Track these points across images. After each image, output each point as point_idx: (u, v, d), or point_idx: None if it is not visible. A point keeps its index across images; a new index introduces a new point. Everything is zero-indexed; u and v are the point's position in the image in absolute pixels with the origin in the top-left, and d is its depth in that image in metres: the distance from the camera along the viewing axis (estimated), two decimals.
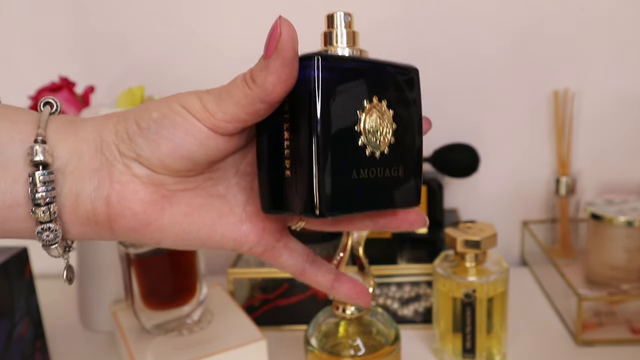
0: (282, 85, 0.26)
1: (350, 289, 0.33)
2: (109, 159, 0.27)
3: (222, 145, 0.28)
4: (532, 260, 0.77)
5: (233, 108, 0.27)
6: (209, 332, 0.53)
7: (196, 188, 0.29)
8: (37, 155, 0.26)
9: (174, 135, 0.27)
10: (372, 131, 0.28)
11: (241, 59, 0.76)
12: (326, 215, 0.27)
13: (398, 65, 0.30)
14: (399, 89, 0.30)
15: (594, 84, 0.75)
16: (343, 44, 0.30)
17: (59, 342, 0.61)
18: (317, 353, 0.46)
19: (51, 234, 0.27)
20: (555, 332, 0.61)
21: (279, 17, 0.26)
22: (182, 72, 0.76)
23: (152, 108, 0.28)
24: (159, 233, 0.29)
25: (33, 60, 0.76)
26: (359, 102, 0.28)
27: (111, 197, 0.27)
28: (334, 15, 0.30)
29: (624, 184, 0.78)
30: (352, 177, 0.27)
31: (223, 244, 0.30)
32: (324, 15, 0.34)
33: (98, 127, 0.28)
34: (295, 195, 0.27)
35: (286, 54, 0.25)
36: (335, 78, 0.26)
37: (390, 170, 0.29)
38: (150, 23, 0.75)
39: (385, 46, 0.74)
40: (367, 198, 0.29)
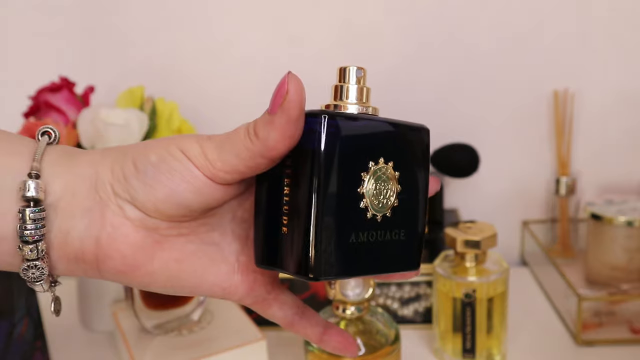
0: (285, 143, 0.25)
1: (339, 342, 0.32)
2: (103, 198, 0.27)
3: (219, 193, 0.27)
4: (532, 260, 0.77)
5: (233, 159, 0.26)
6: (209, 332, 0.53)
7: (189, 234, 0.29)
8: (29, 190, 0.25)
9: (171, 181, 0.26)
10: (375, 194, 0.27)
11: (241, 59, 0.76)
12: (320, 279, 0.26)
13: (408, 125, 0.29)
14: (407, 149, 0.29)
15: (594, 84, 0.75)
16: (353, 100, 0.29)
17: (59, 342, 0.61)
18: (317, 353, 0.46)
19: (37, 271, 0.26)
20: (555, 332, 0.61)
21: (288, 73, 0.25)
22: (183, 72, 0.76)
23: (151, 150, 0.27)
24: (147, 278, 0.28)
25: (33, 60, 0.76)
26: (364, 163, 0.27)
27: (101, 238, 0.27)
28: (347, 70, 0.29)
29: (624, 184, 0.78)
30: (350, 241, 0.27)
31: (212, 292, 0.29)
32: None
33: (95, 164, 0.27)
34: (289, 254, 0.26)
35: (292, 112, 0.25)
36: (341, 138, 0.26)
37: (391, 234, 0.28)
38: (150, 23, 0.75)
39: (385, 46, 0.74)
40: (365, 262, 0.28)
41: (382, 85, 0.76)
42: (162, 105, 0.66)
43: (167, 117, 0.65)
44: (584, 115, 0.76)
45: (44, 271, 0.26)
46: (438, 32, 0.74)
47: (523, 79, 0.75)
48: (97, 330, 0.64)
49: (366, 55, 0.74)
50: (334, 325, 0.32)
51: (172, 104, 0.66)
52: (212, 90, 0.77)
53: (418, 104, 0.76)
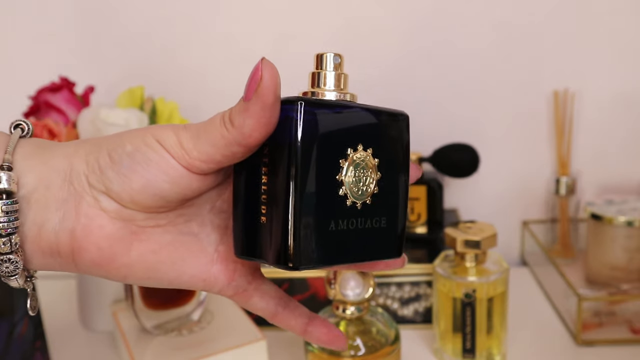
0: (261, 130, 0.25)
1: (325, 334, 0.31)
2: (78, 190, 0.26)
3: (195, 184, 0.27)
4: (532, 260, 0.77)
5: (209, 148, 0.25)
6: (209, 332, 0.53)
7: (167, 224, 0.28)
8: (1, 182, 0.25)
9: (147, 171, 0.26)
10: (354, 181, 0.27)
11: (242, 59, 0.76)
12: (300, 268, 0.26)
13: (387, 111, 0.29)
14: (386, 136, 0.29)
15: (594, 84, 0.75)
16: (331, 87, 0.28)
17: (59, 342, 0.61)
18: (317, 353, 0.46)
19: (11, 265, 0.26)
20: (555, 332, 0.61)
21: (261, 59, 0.24)
22: (183, 72, 0.76)
23: (127, 140, 0.26)
24: (124, 270, 0.27)
25: (33, 60, 0.76)
26: (342, 150, 0.27)
27: (76, 230, 0.26)
28: (323, 56, 0.28)
29: (624, 184, 0.78)
30: (329, 229, 0.26)
31: (192, 284, 0.29)
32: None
33: (69, 155, 0.27)
34: (269, 243, 0.26)
35: (267, 98, 0.24)
36: (318, 125, 0.25)
37: (372, 221, 0.28)
38: (150, 23, 0.75)
39: (384, 45, 0.74)
40: (345, 250, 0.27)
41: (382, 85, 0.76)
42: (162, 105, 0.66)
43: (167, 117, 0.65)
44: (584, 115, 0.76)
45: (19, 265, 0.26)
46: (438, 32, 0.74)
47: (523, 79, 0.75)
48: (97, 330, 0.64)
49: (366, 53, 0.74)
50: (318, 316, 0.32)
51: (172, 104, 0.66)
52: (212, 90, 0.77)
53: (418, 103, 0.76)
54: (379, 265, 0.31)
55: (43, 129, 0.57)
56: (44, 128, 0.57)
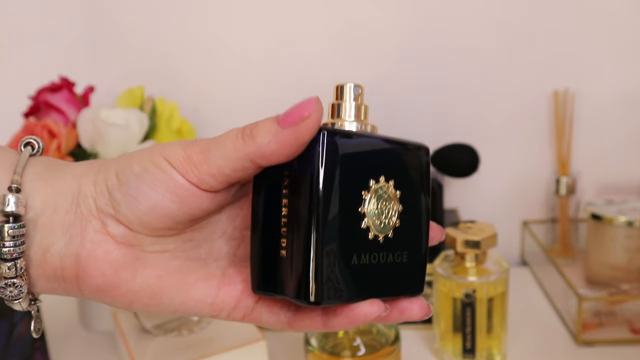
0: (281, 157, 0.24)
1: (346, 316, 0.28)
2: (84, 213, 0.26)
3: (205, 203, 0.26)
4: (532, 260, 0.77)
5: (220, 161, 0.25)
6: (209, 332, 0.53)
7: (174, 250, 0.27)
8: (9, 205, 0.24)
9: (154, 191, 0.25)
10: (376, 214, 0.26)
11: (241, 59, 0.76)
12: (322, 303, 0.25)
13: (408, 143, 0.28)
14: (407, 168, 0.28)
15: (594, 84, 0.75)
16: (351, 118, 0.28)
17: (59, 342, 0.61)
18: (317, 353, 0.46)
19: (15, 289, 0.25)
20: (555, 332, 0.61)
21: (316, 98, 0.24)
22: (183, 72, 0.76)
23: (135, 160, 0.26)
24: (130, 296, 0.27)
25: (33, 60, 0.76)
26: (365, 182, 0.26)
27: (81, 256, 0.25)
28: (344, 87, 0.28)
29: (624, 184, 0.78)
30: (352, 263, 0.26)
31: (198, 310, 0.28)
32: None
33: (78, 177, 0.26)
34: (289, 278, 0.25)
35: (303, 135, 0.24)
36: (341, 155, 0.25)
37: (393, 255, 0.27)
38: (150, 23, 0.75)
39: (384, 46, 0.74)
40: (367, 285, 0.27)
41: (382, 85, 0.76)
42: (162, 105, 0.66)
43: (167, 117, 0.65)
44: (584, 115, 0.76)
45: (23, 289, 0.25)
46: (438, 32, 0.74)
47: (523, 79, 0.75)
48: (97, 330, 0.64)
49: (366, 55, 0.74)
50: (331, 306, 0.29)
51: (172, 104, 0.66)
52: (212, 91, 0.77)
53: (418, 103, 0.76)
54: (404, 316, 0.28)
55: (43, 129, 0.57)
56: (44, 128, 0.57)
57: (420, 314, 0.28)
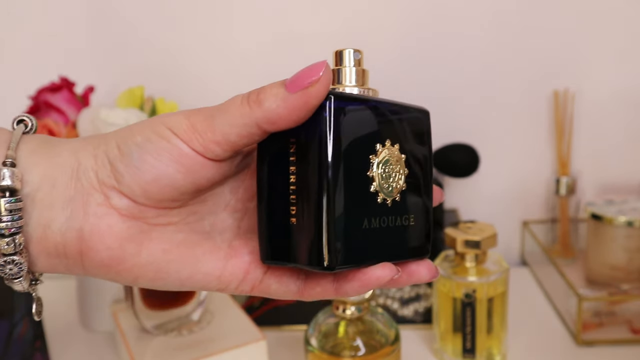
0: (288, 123, 0.24)
1: (359, 280, 0.27)
2: (85, 186, 0.25)
3: (210, 171, 0.26)
4: (532, 260, 0.77)
5: (225, 127, 0.24)
6: (209, 332, 0.53)
7: (179, 222, 0.27)
8: (4, 179, 0.24)
9: (159, 161, 0.24)
10: (384, 177, 0.26)
11: (241, 59, 0.76)
12: (335, 268, 0.25)
13: (409, 107, 0.28)
14: (410, 131, 0.28)
15: (594, 84, 0.75)
16: (352, 83, 0.28)
17: (59, 342, 0.61)
18: (317, 353, 0.46)
19: (15, 267, 0.25)
20: (555, 332, 0.61)
21: (324, 62, 0.24)
22: (183, 72, 0.76)
23: (136, 131, 0.25)
24: (135, 271, 0.26)
25: (33, 60, 0.76)
26: (372, 145, 0.26)
27: (84, 230, 0.25)
28: (343, 52, 0.28)
29: (624, 184, 0.78)
30: (363, 227, 0.26)
31: (205, 283, 0.27)
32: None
33: (76, 151, 0.26)
34: (300, 245, 0.25)
35: (312, 100, 0.24)
36: (349, 120, 0.25)
37: (401, 218, 0.27)
38: (150, 23, 0.75)
39: (384, 46, 0.74)
40: (378, 249, 0.26)
41: (382, 85, 0.76)
42: (162, 105, 0.66)
43: None
44: (584, 115, 0.76)
45: (23, 267, 0.25)
46: (438, 32, 0.74)
47: (523, 79, 0.75)
48: (97, 330, 0.64)
49: (366, 54, 0.74)
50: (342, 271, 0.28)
51: (172, 104, 0.66)
52: (212, 90, 0.77)
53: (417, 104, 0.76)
54: (412, 279, 0.28)
55: (43, 129, 0.57)
56: (44, 128, 0.57)
57: (428, 275, 0.28)
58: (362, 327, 0.47)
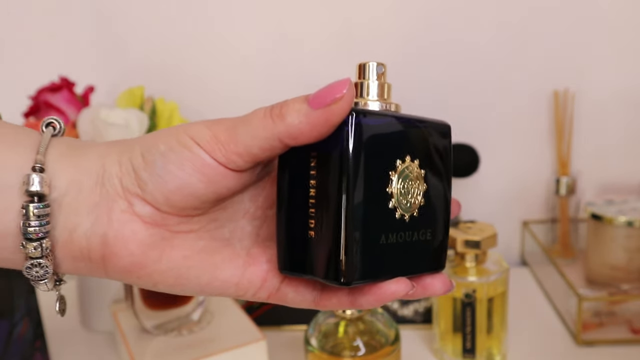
0: (310, 138, 0.24)
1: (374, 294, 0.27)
2: (110, 193, 0.26)
3: (231, 182, 0.26)
4: (532, 260, 0.77)
5: (248, 140, 0.25)
6: (209, 332, 0.53)
7: (199, 230, 0.27)
8: (34, 185, 0.24)
9: (181, 170, 0.25)
10: (403, 193, 0.27)
11: (241, 59, 0.76)
12: (352, 284, 0.25)
13: (431, 122, 0.29)
14: (430, 147, 0.28)
15: (594, 84, 0.75)
16: (374, 97, 0.28)
17: (59, 342, 0.61)
18: (317, 353, 0.46)
19: (41, 269, 0.25)
20: (555, 332, 0.61)
21: (348, 79, 0.24)
22: (183, 72, 0.76)
23: (160, 139, 0.26)
24: (156, 276, 0.27)
25: (33, 60, 0.76)
26: (392, 161, 0.26)
27: (108, 236, 0.25)
28: (366, 65, 0.28)
29: (624, 184, 0.78)
30: (380, 242, 0.26)
31: (224, 290, 0.28)
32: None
33: (102, 157, 0.26)
34: (318, 258, 0.26)
35: (335, 117, 0.24)
36: (370, 136, 0.25)
37: (418, 234, 0.28)
38: (150, 23, 0.75)
39: (384, 46, 0.74)
40: (395, 264, 0.27)
41: None
42: (162, 105, 0.66)
43: (167, 117, 0.65)
44: (584, 115, 0.76)
45: (49, 269, 0.25)
46: (438, 32, 0.74)
47: (523, 79, 0.75)
48: (97, 330, 0.64)
49: (366, 55, 0.74)
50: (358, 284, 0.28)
51: (172, 104, 0.66)
52: (212, 90, 0.77)
53: (418, 104, 0.76)
54: (427, 292, 0.29)
55: None
56: None
57: (443, 289, 0.29)
58: (362, 327, 0.47)
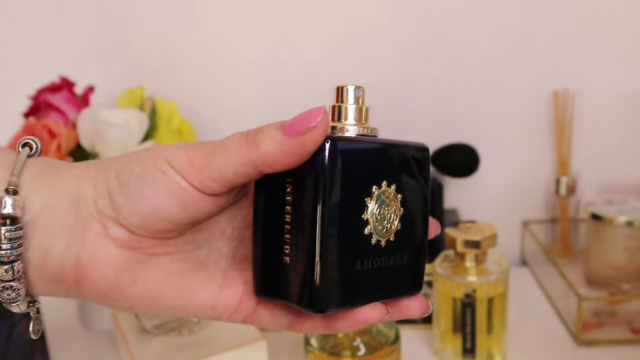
0: (285, 165, 0.24)
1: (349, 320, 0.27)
2: (85, 215, 0.25)
3: (207, 205, 0.26)
4: (532, 260, 0.77)
5: (223, 166, 0.24)
6: (209, 332, 0.53)
7: (175, 252, 0.27)
8: (6, 207, 0.24)
9: (156, 194, 0.25)
10: (379, 219, 0.26)
11: (241, 59, 0.76)
12: (326, 311, 0.25)
13: (409, 145, 0.28)
14: (408, 170, 0.28)
15: (594, 84, 0.75)
16: (352, 121, 0.27)
17: (59, 342, 0.61)
18: (317, 353, 0.46)
19: (12, 292, 0.25)
20: (555, 332, 0.61)
21: (322, 107, 0.24)
22: (183, 72, 0.76)
23: (135, 161, 0.25)
24: (131, 299, 0.26)
25: (33, 60, 0.76)
26: (367, 188, 0.26)
27: (82, 258, 0.25)
28: (344, 89, 0.27)
29: (624, 184, 0.78)
30: (355, 269, 0.26)
31: (199, 312, 0.28)
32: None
33: (77, 179, 0.26)
34: (293, 284, 0.25)
35: (309, 146, 0.24)
36: (345, 164, 0.25)
37: (394, 258, 0.28)
38: (150, 23, 0.75)
39: (384, 47, 0.74)
40: (369, 290, 0.27)
41: (382, 87, 0.76)
42: (162, 105, 0.66)
43: (167, 117, 0.65)
44: (584, 115, 0.76)
45: (20, 292, 0.25)
46: (438, 33, 0.74)
47: (523, 79, 0.75)
48: (97, 330, 0.64)
49: (366, 56, 0.74)
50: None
51: (172, 104, 0.66)
52: (212, 91, 0.77)
53: (418, 104, 0.76)
54: (403, 314, 0.29)
55: (43, 129, 0.57)
56: (44, 128, 0.57)
57: (419, 311, 0.29)
58: (362, 327, 0.47)
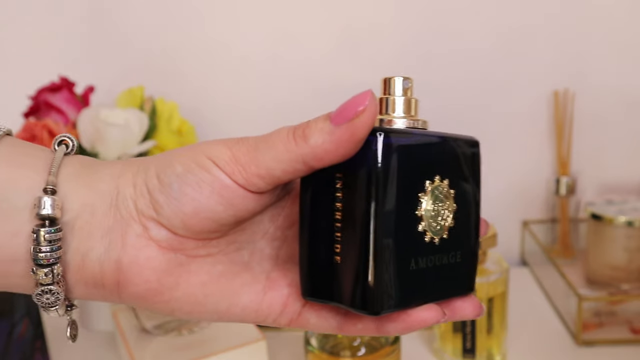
0: (336, 157, 0.23)
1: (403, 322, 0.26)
2: (125, 216, 0.24)
3: (251, 204, 0.25)
4: (532, 260, 0.77)
5: (269, 162, 0.23)
6: (209, 332, 0.53)
7: (218, 253, 0.26)
8: (45, 208, 0.23)
9: (199, 193, 0.24)
10: (433, 215, 0.25)
11: (242, 59, 0.76)
12: (381, 312, 0.24)
13: (459, 138, 0.27)
14: (460, 165, 0.27)
15: (594, 84, 0.75)
16: (400, 114, 0.26)
17: (59, 342, 0.61)
18: (317, 353, 0.46)
19: (52, 296, 0.24)
20: (555, 332, 0.61)
21: (369, 91, 0.23)
22: (183, 72, 0.76)
23: (176, 160, 0.24)
24: (172, 304, 0.25)
25: (33, 60, 0.76)
26: (421, 183, 0.25)
27: (122, 262, 0.24)
28: (392, 80, 0.26)
29: (624, 184, 0.78)
30: (410, 268, 0.24)
31: (243, 316, 0.26)
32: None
33: (115, 177, 0.25)
34: (344, 285, 0.24)
35: (359, 132, 0.23)
36: (398, 157, 0.23)
37: (448, 256, 0.26)
38: (150, 23, 0.75)
39: (384, 48, 0.74)
40: (424, 290, 0.25)
41: None
42: (162, 105, 0.66)
43: (167, 117, 0.65)
44: (584, 115, 0.76)
45: (60, 296, 0.24)
46: (438, 33, 0.74)
47: (523, 79, 0.75)
48: (97, 330, 0.64)
49: (366, 56, 0.74)
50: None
51: (172, 104, 0.66)
52: (212, 91, 0.77)
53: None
54: (456, 316, 0.27)
55: (43, 129, 0.57)
56: (44, 128, 0.57)
57: (473, 312, 0.27)
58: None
